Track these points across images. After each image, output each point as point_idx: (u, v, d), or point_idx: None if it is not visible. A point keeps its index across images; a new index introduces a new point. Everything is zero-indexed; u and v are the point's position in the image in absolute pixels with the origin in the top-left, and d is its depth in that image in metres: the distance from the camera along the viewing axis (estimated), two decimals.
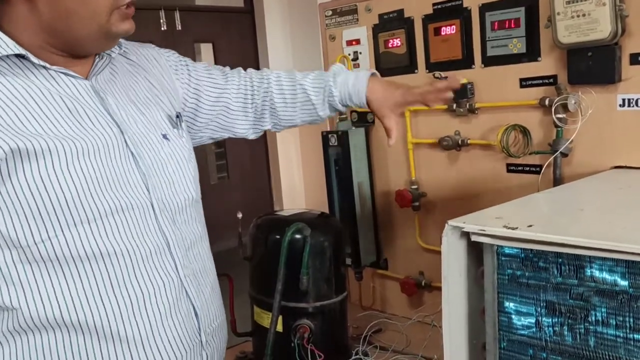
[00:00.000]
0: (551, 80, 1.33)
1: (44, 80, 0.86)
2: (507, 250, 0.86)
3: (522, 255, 0.85)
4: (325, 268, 1.38)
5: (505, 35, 1.38)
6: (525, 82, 1.37)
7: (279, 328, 1.34)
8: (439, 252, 1.58)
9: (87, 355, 0.85)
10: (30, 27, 0.85)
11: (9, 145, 0.79)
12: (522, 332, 0.87)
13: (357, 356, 1.41)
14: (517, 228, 0.83)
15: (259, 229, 1.45)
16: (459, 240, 0.93)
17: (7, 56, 0.84)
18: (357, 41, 1.71)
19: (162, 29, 4.99)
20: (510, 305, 0.87)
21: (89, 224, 0.84)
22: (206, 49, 5.59)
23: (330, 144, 1.70)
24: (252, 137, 1.28)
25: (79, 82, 0.90)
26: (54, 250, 0.82)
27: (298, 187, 6.17)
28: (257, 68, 5.03)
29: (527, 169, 1.40)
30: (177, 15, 5.07)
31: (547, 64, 1.33)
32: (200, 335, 0.97)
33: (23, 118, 0.82)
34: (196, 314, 0.96)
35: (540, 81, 1.34)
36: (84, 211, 0.83)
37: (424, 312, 1.54)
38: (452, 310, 0.93)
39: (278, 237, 1.35)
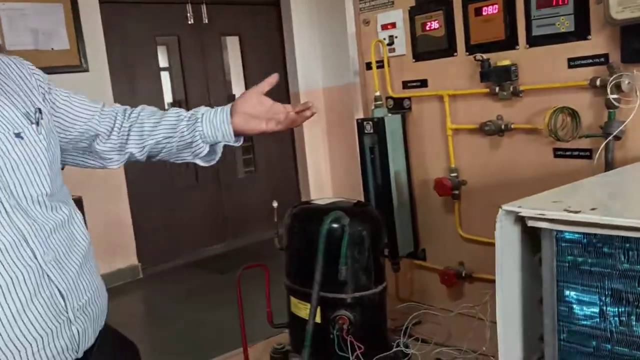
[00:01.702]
0: (602, 59, 1.26)
1: None
2: (567, 236, 0.81)
3: (585, 240, 0.80)
4: (364, 258, 1.34)
5: (551, 14, 1.32)
6: (573, 62, 1.31)
7: (317, 319, 1.30)
8: (481, 242, 1.55)
9: None
10: None
11: None
12: (585, 322, 0.81)
13: (398, 348, 1.37)
14: (579, 212, 0.77)
15: (294, 218, 1.41)
16: (513, 225, 0.88)
17: None
18: (393, 25, 1.66)
19: (189, 22, 5.00)
20: (571, 294, 0.82)
21: None
22: (232, 42, 5.59)
23: (366, 131, 1.65)
24: (119, 163, 1.25)
25: None
26: None
27: (325, 179, 6.15)
28: (284, 61, 5.02)
29: (576, 153, 1.33)
30: (203, 8, 5.06)
31: (597, 43, 1.26)
32: (67, 312, 1.01)
33: None
34: (62, 295, 1.00)
35: (590, 60, 1.28)
36: None
37: (464, 302, 1.48)
38: (506, 300, 0.88)
39: (314, 226, 1.31)
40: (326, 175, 5.91)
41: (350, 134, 5.62)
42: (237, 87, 5.76)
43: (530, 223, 0.83)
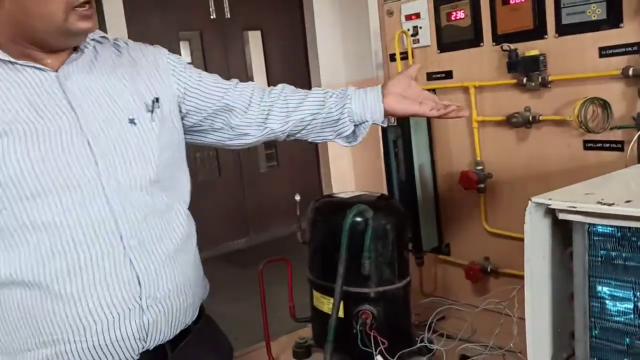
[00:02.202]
0: (635, 48, 1.22)
1: (11, 73, 0.96)
2: (600, 229, 0.78)
3: (619, 234, 0.77)
4: (387, 252, 1.32)
5: (582, 1, 1.28)
6: (605, 52, 1.27)
7: (340, 314, 1.29)
8: (507, 237, 1.52)
9: (34, 308, 0.95)
10: (1, 22, 0.94)
11: None
12: (618, 318, 0.79)
13: (422, 344, 1.34)
14: (613, 204, 0.75)
15: (317, 212, 1.40)
16: (543, 218, 0.85)
17: None
18: (417, 15, 1.63)
19: (212, 17, 5.00)
20: (603, 289, 0.79)
21: (35, 199, 0.93)
22: (254, 37, 5.58)
23: (390, 123, 1.62)
24: (255, 138, 1.26)
25: (44, 74, 0.98)
26: (4, 220, 0.93)
27: (347, 173, 6.11)
28: (306, 55, 4.94)
29: (608, 145, 1.30)
30: (225, 3, 5.06)
31: (630, 31, 1.22)
32: (141, 300, 0.99)
33: None
34: (139, 281, 0.99)
35: (623, 49, 1.24)
36: (29, 187, 0.93)
37: (491, 297, 1.45)
38: (535, 295, 0.85)
39: (338, 219, 1.29)
40: (349, 170, 5.87)
41: (373, 128, 5.60)
42: (259, 81, 5.75)
43: (561, 216, 0.80)
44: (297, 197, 1.44)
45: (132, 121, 1.04)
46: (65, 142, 0.96)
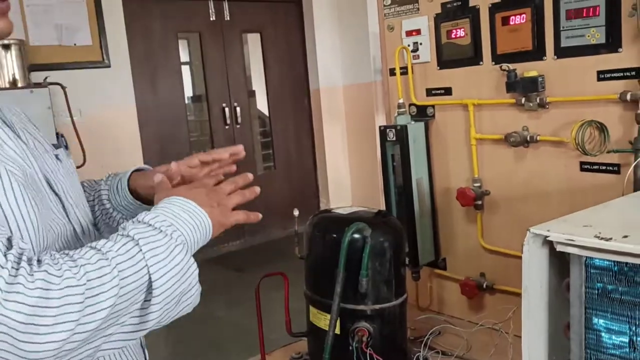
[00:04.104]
0: (634, 73, 1.23)
1: None
2: (597, 262, 0.79)
3: (616, 268, 0.78)
4: (385, 269, 1.33)
5: (581, 25, 1.29)
6: (603, 75, 1.28)
7: (337, 330, 1.30)
8: (503, 254, 1.53)
9: None
10: None
11: None
12: (613, 351, 0.80)
13: None
14: (611, 239, 0.76)
15: (315, 227, 1.40)
16: (541, 248, 0.86)
17: None
18: (418, 31, 1.64)
19: (211, 19, 5.01)
20: (599, 321, 0.80)
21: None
22: (252, 39, 5.59)
23: (388, 138, 1.64)
24: None
25: None
26: None
27: (344, 176, 6.14)
28: (304, 58, 5.02)
29: (604, 167, 1.31)
30: (225, 5, 5.07)
31: (629, 56, 1.23)
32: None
33: None
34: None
35: (621, 74, 1.25)
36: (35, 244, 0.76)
37: (487, 316, 1.47)
38: (532, 323, 0.86)
39: (336, 236, 1.30)
40: (345, 173, 5.90)
41: (370, 132, 5.62)
42: (257, 83, 5.76)
43: (559, 248, 0.81)
44: (296, 213, 1.44)
45: (57, 157, 0.93)
46: (40, 189, 0.82)
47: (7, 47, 3.48)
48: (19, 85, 3.52)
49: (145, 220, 0.78)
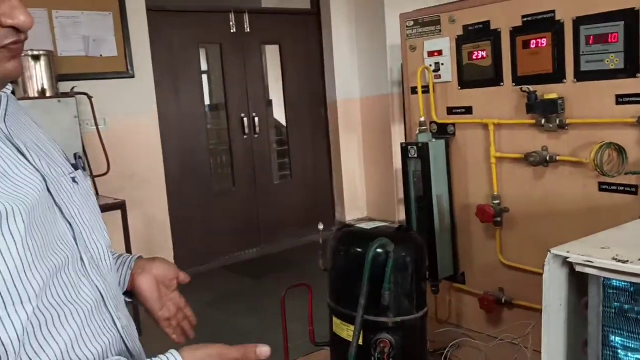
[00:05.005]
0: None
1: None
2: (615, 283, 0.84)
3: (632, 289, 0.82)
4: (407, 283, 1.37)
5: (601, 50, 1.34)
6: (622, 99, 1.32)
7: (359, 341, 1.34)
8: (521, 270, 1.58)
9: None
10: None
11: None
12: None
13: None
14: (628, 261, 0.80)
15: (340, 241, 1.46)
16: (561, 268, 0.90)
17: None
18: (439, 52, 1.69)
19: (232, 31, 5.10)
20: (616, 339, 0.85)
21: (30, 302, 0.74)
22: (270, 51, 5.68)
23: (410, 155, 1.69)
24: None
25: None
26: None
27: (359, 187, 6.18)
28: (322, 70, 5.09)
29: (622, 188, 1.35)
30: (246, 17, 5.16)
31: None
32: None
33: None
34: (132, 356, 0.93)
35: (639, 99, 1.29)
36: (22, 289, 0.73)
37: (506, 331, 1.51)
38: (552, 340, 0.91)
39: (359, 250, 1.35)
40: (360, 183, 5.94)
41: (386, 144, 5.67)
42: (274, 91, 5.85)
43: (578, 269, 0.86)
44: (321, 227, 1.50)
45: (74, 180, 0.91)
46: (44, 215, 0.80)
47: (36, 58, 3.59)
48: (48, 94, 3.62)
49: None
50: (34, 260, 0.74)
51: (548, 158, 1.47)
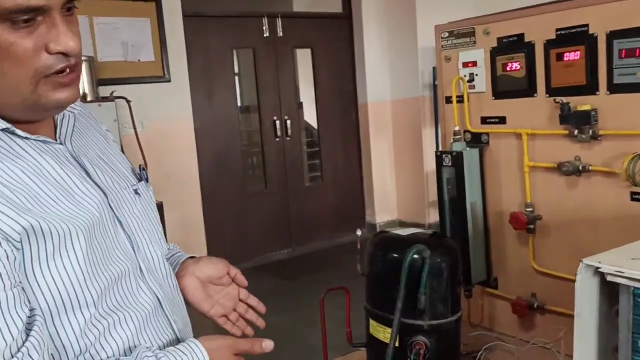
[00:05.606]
0: None
1: (30, 151, 0.81)
2: None
3: None
4: (442, 288, 1.43)
5: (634, 64, 1.37)
6: None
7: (395, 343, 1.41)
8: (554, 276, 1.62)
9: None
10: None
11: (21, 224, 0.74)
12: None
13: None
14: None
15: (376, 247, 1.52)
16: (593, 277, 0.95)
17: None
18: (474, 63, 1.74)
19: (265, 35, 5.21)
20: None
21: (88, 308, 0.83)
22: (301, 54, 5.76)
23: (444, 164, 1.74)
24: None
25: (56, 148, 0.86)
26: (54, 341, 0.81)
27: (390, 189, 6.22)
28: (353, 73, 5.18)
29: None
30: (278, 21, 5.26)
31: None
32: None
33: (25, 200, 0.76)
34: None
35: None
36: (81, 297, 0.82)
37: (538, 335, 1.55)
38: (583, 345, 0.95)
39: (396, 255, 1.41)
40: (391, 185, 5.98)
41: (416, 146, 5.71)
42: (305, 94, 5.94)
43: (609, 278, 0.91)
44: (359, 232, 1.56)
45: (136, 192, 0.98)
46: (105, 230, 0.87)
47: None
48: (89, 99, 3.77)
49: None
50: (94, 271, 0.83)
51: (580, 168, 1.50)
